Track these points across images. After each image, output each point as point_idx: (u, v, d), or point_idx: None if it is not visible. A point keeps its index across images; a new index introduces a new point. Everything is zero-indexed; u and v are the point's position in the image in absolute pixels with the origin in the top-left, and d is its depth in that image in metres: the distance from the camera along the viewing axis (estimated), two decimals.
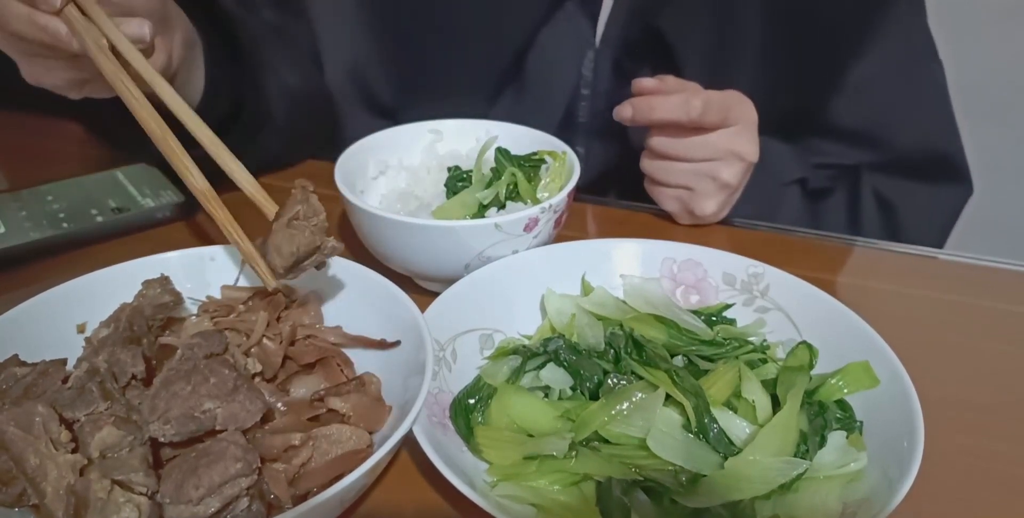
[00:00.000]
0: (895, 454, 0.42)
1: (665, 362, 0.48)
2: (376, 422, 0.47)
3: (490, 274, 0.55)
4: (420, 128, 0.68)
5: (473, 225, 0.55)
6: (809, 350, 0.51)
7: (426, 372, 0.45)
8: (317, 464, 0.43)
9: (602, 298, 0.55)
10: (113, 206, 0.70)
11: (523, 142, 0.66)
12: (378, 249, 0.59)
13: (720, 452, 0.44)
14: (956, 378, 0.55)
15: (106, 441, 0.40)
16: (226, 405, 0.42)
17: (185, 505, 0.38)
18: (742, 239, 0.71)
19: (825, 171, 0.79)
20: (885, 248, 0.71)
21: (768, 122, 0.67)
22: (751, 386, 0.47)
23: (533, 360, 0.50)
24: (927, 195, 0.80)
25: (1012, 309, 0.63)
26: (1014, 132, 1.34)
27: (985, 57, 1.19)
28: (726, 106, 0.62)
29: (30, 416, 0.41)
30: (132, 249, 0.56)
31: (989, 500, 0.46)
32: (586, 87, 0.80)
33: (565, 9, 0.76)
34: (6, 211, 0.68)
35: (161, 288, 0.51)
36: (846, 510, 0.41)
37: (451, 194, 0.63)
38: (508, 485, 0.43)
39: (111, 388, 0.43)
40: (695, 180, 0.66)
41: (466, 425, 0.47)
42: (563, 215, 0.60)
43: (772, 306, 0.55)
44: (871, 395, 0.47)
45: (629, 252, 0.59)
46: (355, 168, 0.64)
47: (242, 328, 0.50)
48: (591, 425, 0.45)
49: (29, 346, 0.48)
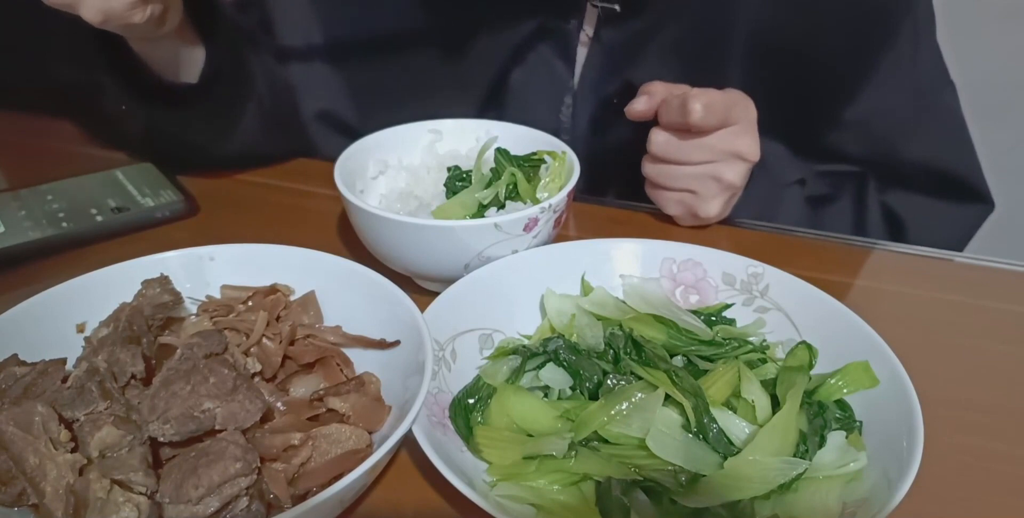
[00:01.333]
0: (895, 454, 0.42)
1: (664, 362, 0.48)
2: (375, 422, 0.46)
3: (490, 274, 0.55)
4: (420, 128, 0.68)
5: (473, 225, 0.55)
6: (809, 350, 0.51)
7: (426, 372, 0.45)
8: (317, 464, 0.43)
9: (602, 298, 0.55)
10: (113, 206, 0.70)
11: (523, 142, 0.66)
12: (378, 249, 0.59)
13: (720, 452, 0.44)
14: (956, 378, 0.55)
15: (106, 441, 0.40)
16: (226, 405, 0.42)
17: (184, 505, 0.38)
18: (742, 239, 0.70)
19: (828, 178, 0.79)
20: (885, 248, 0.71)
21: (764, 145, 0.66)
22: (751, 386, 0.47)
23: (533, 360, 0.50)
24: (938, 212, 0.79)
25: (1012, 309, 0.63)
26: (1014, 132, 1.34)
27: (985, 57, 1.19)
28: (726, 106, 0.62)
29: (30, 416, 0.41)
30: (132, 249, 0.56)
31: (989, 500, 0.46)
32: (565, 133, 0.78)
33: (538, 51, 0.74)
34: (6, 211, 0.68)
35: (161, 288, 0.51)
36: (846, 510, 0.41)
37: (451, 194, 0.63)
38: (508, 485, 0.43)
39: (111, 388, 0.43)
40: (698, 183, 0.66)
41: (465, 425, 0.47)
42: (563, 215, 0.60)
43: (772, 306, 0.55)
44: (871, 395, 0.47)
45: (629, 252, 0.59)
46: (355, 168, 0.64)
47: (242, 328, 0.50)
48: (591, 425, 0.45)
49: (29, 346, 0.48)
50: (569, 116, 0.78)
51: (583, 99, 0.77)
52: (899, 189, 0.79)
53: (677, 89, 0.64)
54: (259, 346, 0.50)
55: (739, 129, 0.64)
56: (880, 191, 0.79)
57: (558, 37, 0.74)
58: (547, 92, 0.77)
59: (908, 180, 0.78)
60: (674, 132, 0.64)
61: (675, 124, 0.63)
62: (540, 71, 0.76)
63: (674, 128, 0.64)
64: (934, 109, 0.77)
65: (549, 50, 0.75)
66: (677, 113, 0.61)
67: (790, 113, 0.72)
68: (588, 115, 0.78)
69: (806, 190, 0.78)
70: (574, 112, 0.78)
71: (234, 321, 0.51)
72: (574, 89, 0.77)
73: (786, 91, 0.73)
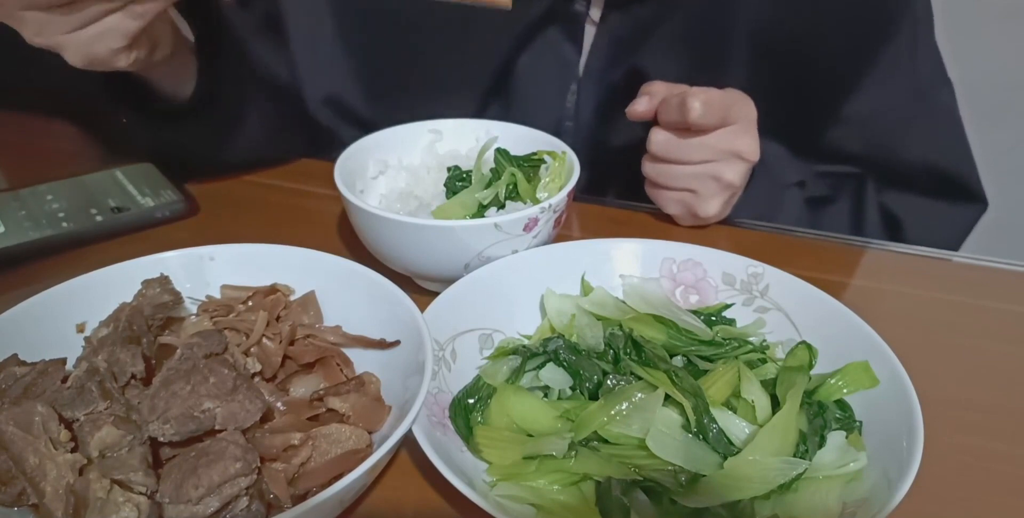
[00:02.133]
0: (895, 454, 0.42)
1: (664, 362, 0.48)
2: (375, 422, 0.46)
3: (490, 274, 0.55)
4: (420, 128, 0.68)
5: (472, 225, 0.55)
6: (809, 350, 0.51)
7: (425, 372, 0.45)
8: (316, 464, 0.43)
9: (602, 298, 0.55)
10: (113, 206, 0.70)
11: (523, 142, 0.66)
12: (378, 249, 0.59)
13: (719, 452, 0.44)
14: (956, 378, 0.55)
15: (105, 441, 0.40)
16: (225, 405, 0.42)
17: (184, 505, 0.38)
18: (742, 239, 0.70)
19: (827, 179, 0.79)
20: (885, 248, 0.71)
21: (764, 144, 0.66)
22: (750, 386, 0.47)
23: (533, 360, 0.50)
24: (935, 212, 0.79)
25: (1012, 309, 0.63)
26: (1013, 132, 1.34)
27: (985, 57, 1.19)
28: (725, 105, 0.62)
29: (29, 415, 0.41)
30: (132, 249, 0.56)
31: (989, 500, 0.46)
32: (570, 120, 0.79)
33: (546, 35, 0.75)
34: (6, 211, 0.68)
35: (161, 288, 0.51)
36: (845, 510, 0.41)
37: (451, 194, 0.63)
38: (507, 485, 0.43)
39: (111, 388, 0.43)
40: (697, 182, 0.66)
41: (465, 425, 0.47)
42: (563, 215, 0.60)
43: (772, 306, 0.55)
44: (871, 395, 0.47)
45: (629, 252, 0.59)
46: (355, 168, 0.64)
47: (242, 328, 0.50)
48: (590, 425, 0.45)
49: (29, 346, 0.48)
50: (574, 103, 0.78)
51: (588, 86, 0.77)
52: (896, 189, 0.79)
53: (677, 89, 0.64)
54: (259, 346, 0.50)
55: (738, 129, 0.64)
56: (878, 192, 0.79)
57: (567, 20, 0.74)
58: (554, 77, 0.77)
59: (905, 179, 0.79)
60: (674, 131, 0.64)
61: (674, 123, 0.63)
62: (547, 55, 0.76)
63: (674, 127, 0.64)
64: (932, 107, 0.77)
65: (557, 33, 0.75)
66: (676, 111, 0.61)
67: (791, 107, 0.72)
68: (593, 102, 0.78)
69: (805, 192, 0.78)
70: (579, 99, 0.78)
71: (234, 321, 0.51)
72: (579, 76, 0.77)
73: (788, 84, 0.73)
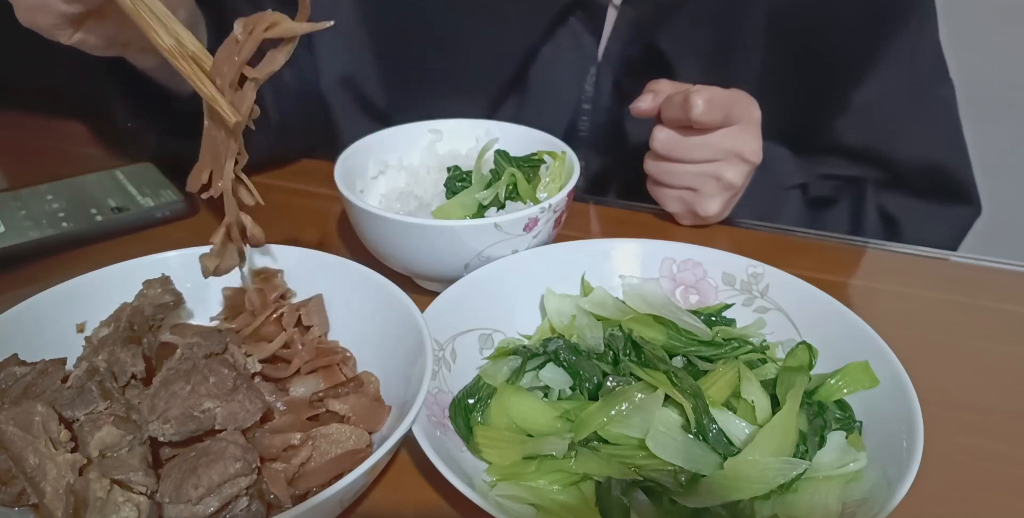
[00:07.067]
0: (894, 454, 0.42)
1: (664, 363, 0.48)
2: (375, 422, 0.47)
3: (490, 274, 0.55)
4: (420, 128, 0.68)
5: (473, 225, 0.55)
6: (809, 350, 0.51)
7: (426, 372, 0.45)
8: (316, 464, 0.43)
9: (602, 298, 0.55)
10: (113, 206, 0.70)
11: (523, 142, 0.66)
12: (378, 249, 0.59)
13: (719, 452, 0.44)
14: (956, 378, 0.55)
15: (105, 440, 0.40)
16: (225, 405, 0.42)
17: (184, 504, 0.38)
18: (742, 239, 0.71)
19: (828, 181, 0.79)
20: (885, 248, 0.71)
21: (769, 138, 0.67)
22: (750, 386, 0.47)
23: (533, 360, 0.50)
24: (932, 214, 0.79)
25: (1012, 309, 0.63)
26: (1013, 132, 1.34)
27: (985, 57, 1.19)
28: (728, 104, 0.62)
29: (29, 415, 0.41)
30: (132, 249, 0.56)
31: (989, 500, 0.46)
32: (587, 102, 0.80)
33: (569, 25, 0.76)
34: (6, 210, 0.68)
35: (161, 288, 0.51)
36: (845, 510, 0.41)
37: (451, 194, 0.63)
38: (507, 485, 0.43)
39: (111, 387, 0.43)
40: (698, 181, 0.66)
41: (465, 425, 0.47)
42: (563, 215, 0.60)
43: (772, 306, 0.55)
44: (871, 395, 0.47)
45: (629, 252, 0.59)
46: (355, 168, 0.64)
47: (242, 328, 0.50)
48: (590, 425, 0.45)
49: (29, 345, 0.48)
50: (593, 84, 0.79)
51: (606, 69, 0.78)
52: (894, 191, 0.79)
53: (682, 87, 0.64)
54: (259, 346, 0.50)
55: (741, 129, 0.64)
56: (876, 192, 0.79)
57: (590, 11, 0.75)
58: (574, 62, 0.78)
59: (903, 179, 0.79)
60: (677, 129, 0.64)
61: (677, 120, 0.63)
62: (568, 43, 0.77)
63: (677, 125, 0.64)
64: (931, 102, 0.78)
65: (579, 23, 0.76)
66: (679, 108, 0.61)
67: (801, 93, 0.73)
68: (611, 84, 0.79)
69: (807, 194, 0.78)
70: (597, 82, 0.79)
71: (235, 321, 0.51)
72: (598, 60, 0.78)
73: (800, 69, 0.74)
